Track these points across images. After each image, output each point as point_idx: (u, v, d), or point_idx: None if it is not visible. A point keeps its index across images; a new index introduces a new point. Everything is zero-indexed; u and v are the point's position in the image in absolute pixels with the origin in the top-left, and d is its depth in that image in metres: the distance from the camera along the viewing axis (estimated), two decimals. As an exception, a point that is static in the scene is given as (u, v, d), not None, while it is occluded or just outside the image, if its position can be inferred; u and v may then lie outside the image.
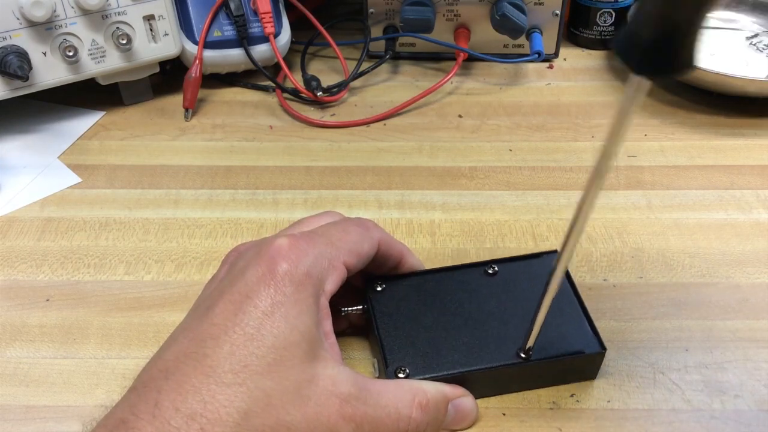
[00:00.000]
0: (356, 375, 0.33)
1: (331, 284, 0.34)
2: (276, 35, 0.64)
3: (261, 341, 0.31)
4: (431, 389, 0.34)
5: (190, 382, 0.29)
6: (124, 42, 0.57)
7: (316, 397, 0.31)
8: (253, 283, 0.32)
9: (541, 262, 0.41)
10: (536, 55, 0.65)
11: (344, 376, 0.32)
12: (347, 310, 0.39)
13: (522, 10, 0.64)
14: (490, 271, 0.40)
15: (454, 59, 0.66)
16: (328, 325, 0.34)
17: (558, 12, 0.66)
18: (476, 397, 0.36)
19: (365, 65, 0.66)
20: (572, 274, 0.45)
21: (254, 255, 0.34)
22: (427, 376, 0.35)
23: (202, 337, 0.31)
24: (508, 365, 0.36)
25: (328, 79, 0.64)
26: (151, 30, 0.59)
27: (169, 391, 0.29)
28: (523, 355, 0.36)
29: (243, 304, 0.32)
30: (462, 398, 0.35)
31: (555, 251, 0.42)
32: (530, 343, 0.35)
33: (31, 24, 0.54)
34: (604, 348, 0.37)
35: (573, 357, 0.36)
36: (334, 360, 0.33)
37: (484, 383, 0.36)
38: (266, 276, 0.32)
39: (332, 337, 0.34)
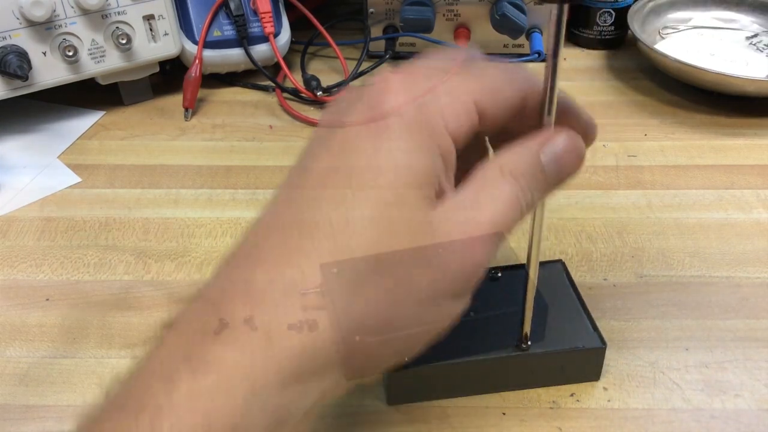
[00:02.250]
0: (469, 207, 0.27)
1: (456, 122, 0.27)
2: (276, 35, 0.64)
3: (367, 193, 0.26)
4: (512, 159, 0.28)
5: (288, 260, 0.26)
6: (124, 42, 0.57)
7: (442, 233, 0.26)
8: (354, 131, 0.27)
9: (544, 270, 0.41)
10: (536, 55, 0.65)
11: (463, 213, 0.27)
12: None
13: (522, 10, 0.64)
14: (493, 276, 0.40)
15: (454, 59, 0.66)
16: (451, 174, 0.28)
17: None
18: (475, 393, 0.37)
19: (365, 65, 0.66)
20: (572, 274, 0.45)
21: (357, 96, 0.28)
22: (424, 365, 0.35)
23: (300, 208, 0.27)
24: (506, 356, 0.36)
25: (327, 79, 0.64)
26: (150, 30, 0.59)
27: (254, 267, 0.26)
28: (523, 347, 0.36)
29: (341, 157, 0.27)
30: (552, 142, 0.28)
31: (560, 260, 0.42)
32: (526, 328, 0.35)
33: (31, 24, 0.54)
34: (604, 343, 0.37)
35: (572, 351, 0.36)
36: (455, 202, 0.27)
37: (482, 375, 0.37)
38: (369, 118, 0.27)
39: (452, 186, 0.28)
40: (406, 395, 0.37)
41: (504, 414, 0.36)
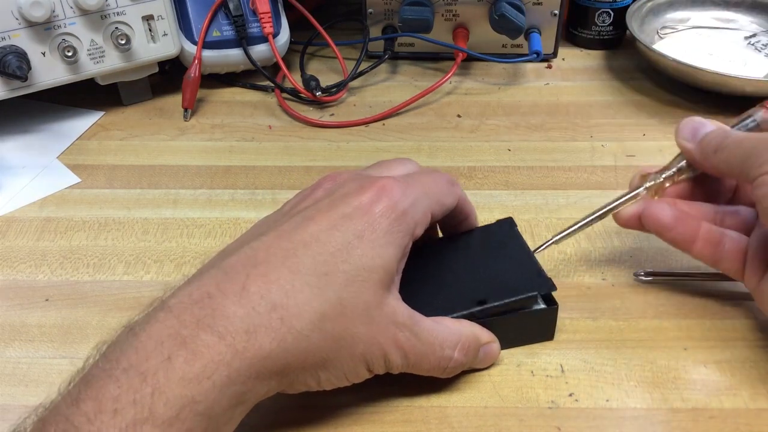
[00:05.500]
0: (413, 311, 0.35)
1: (420, 229, 0.36)
2: (275, 35, 0.65)
3: (346, 257, 0.33)
4: (471, 335, 0.37)
5: (277, 274, 0.32)
6: (123, 42, 0.58)
7: (378, 320, 0.33)
8: (354, 209, 0.34)
9: (496, 228, 0.43)
10: (535, 55, 0.65)
11: (403, 309, 0.35)
12: None
13: (520, 10, 0.64)
14: (450, 239, 0.43)
15: (453, 59, 0.66)
16: (402, 264, 0.36)
17: (556, 12, 0.66)
18: None
19: (364, 65, 0.66)
20: (572, 273, 0.45)
21: (358, 187, 0.35)
22: None
23: (294, 239, 0.33)
24: (467, 313, 0.38)
25: (326, 79, 0.64)
26: (150, 30, 0.60)
27: (256, 277, 0.32)
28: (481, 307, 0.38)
29: (339, 223, 0.34)
30: (491, 344, 0.39)
31: (509, 218, 0.44)
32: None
33: (30, 24, 0.54)
34: (554, 287, 0.38)
35: (526, 298, 0.38)
36: (397, 295, 0.35)
37: None
38: (367, 206, 0.34)
39: (399, 276, 0.36)
40: None
41: (503, 414, 0.37)
